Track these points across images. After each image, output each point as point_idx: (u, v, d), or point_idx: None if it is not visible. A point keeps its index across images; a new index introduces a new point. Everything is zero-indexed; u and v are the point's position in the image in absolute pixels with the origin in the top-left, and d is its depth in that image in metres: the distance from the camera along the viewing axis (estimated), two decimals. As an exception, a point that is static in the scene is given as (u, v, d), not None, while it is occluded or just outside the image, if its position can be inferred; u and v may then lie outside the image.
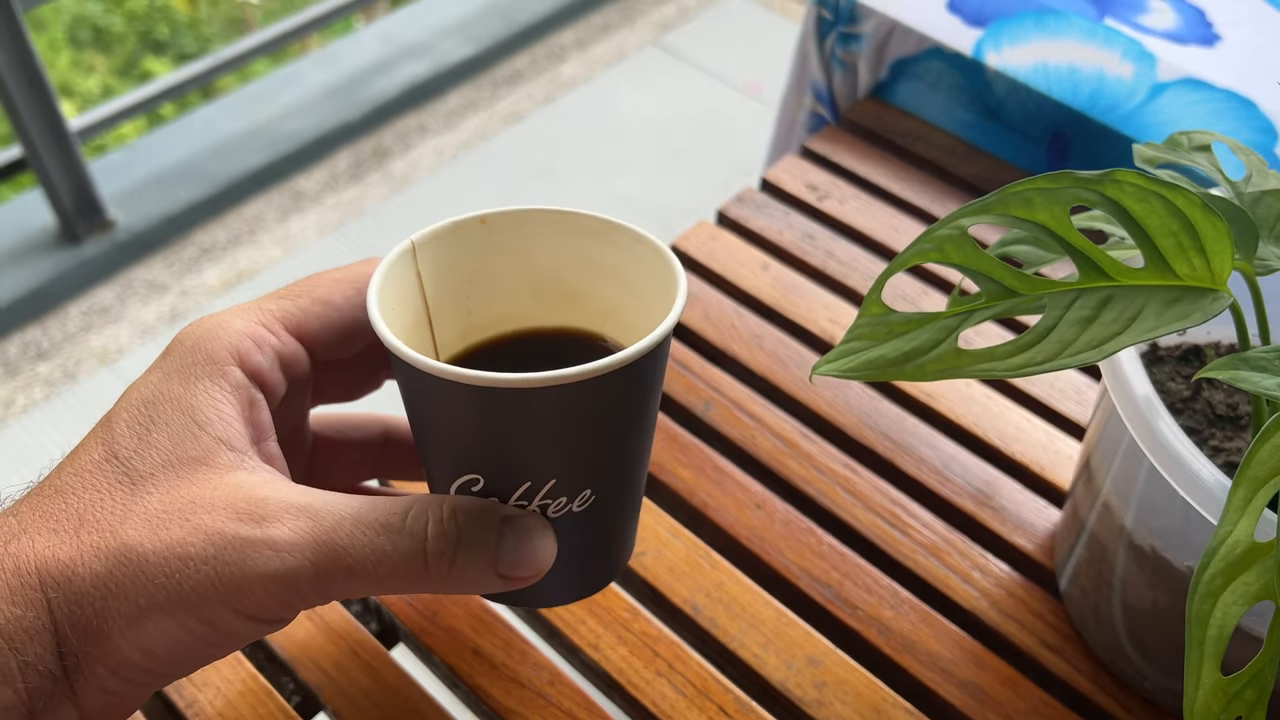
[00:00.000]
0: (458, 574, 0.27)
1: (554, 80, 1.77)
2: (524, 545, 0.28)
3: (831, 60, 0.62)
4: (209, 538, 0.25)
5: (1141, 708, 0.36)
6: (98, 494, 0.26)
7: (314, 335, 0.30)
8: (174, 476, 0.26)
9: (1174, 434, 0.29)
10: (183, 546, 0.25)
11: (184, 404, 0.27)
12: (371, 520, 0.26)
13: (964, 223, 0.29)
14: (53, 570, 0.25)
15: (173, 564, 0.25)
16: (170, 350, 0.29)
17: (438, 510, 0.27)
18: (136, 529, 0.25)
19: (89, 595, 0.25)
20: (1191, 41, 0.57)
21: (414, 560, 0.26)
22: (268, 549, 0.25)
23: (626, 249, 0.32)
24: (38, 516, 0.26)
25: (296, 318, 0.30)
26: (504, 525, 0.28)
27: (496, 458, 0.28)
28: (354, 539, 0.26)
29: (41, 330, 1.39)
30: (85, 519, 0.25)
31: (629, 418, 0.29)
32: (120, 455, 0.27)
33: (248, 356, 0.29)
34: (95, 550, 0.25)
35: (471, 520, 0.27)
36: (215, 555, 0.25)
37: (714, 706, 0.36)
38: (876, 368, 0.29)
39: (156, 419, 0.27)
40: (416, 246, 0.31)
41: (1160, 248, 0.27)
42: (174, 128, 1.63)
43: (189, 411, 0.27)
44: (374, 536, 0.26)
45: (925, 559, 0.40)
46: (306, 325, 0.30)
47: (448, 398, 0.27)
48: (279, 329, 0.30)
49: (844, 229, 0.54)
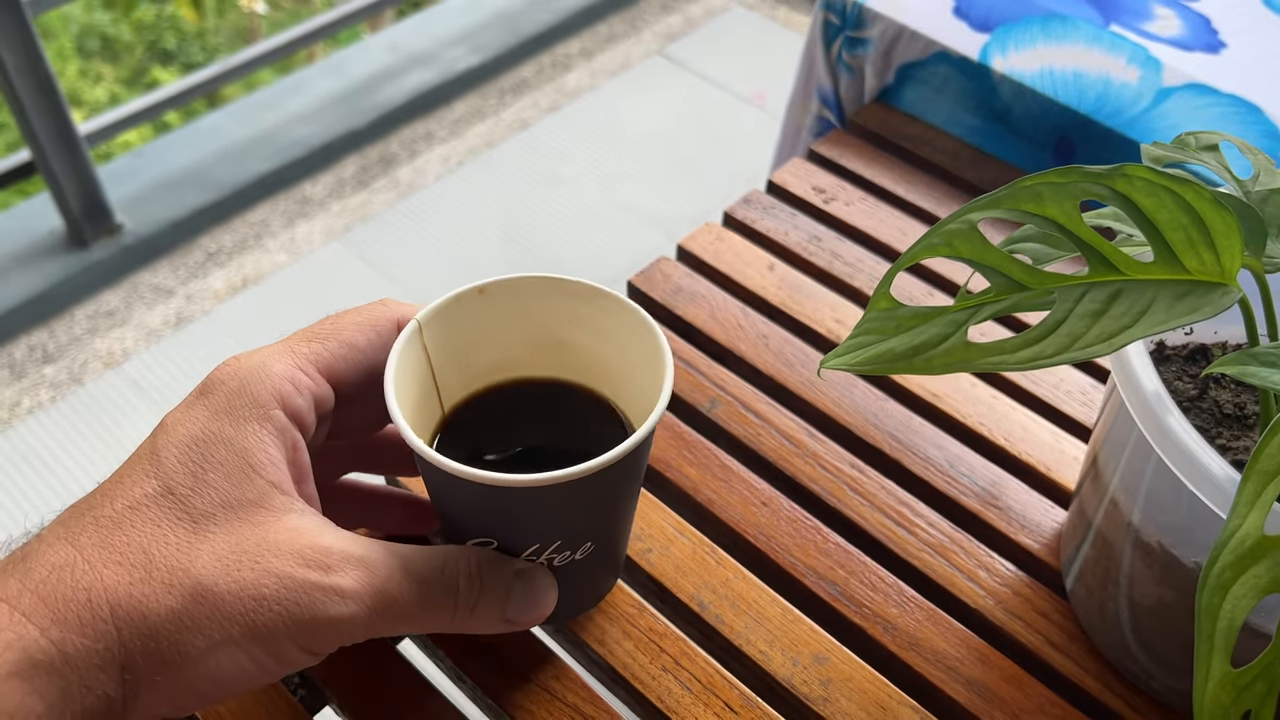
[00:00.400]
0: (475, 619, 0.31)
1: (559, 89, 1.77)
2: (530, 597, 0.32)
3: (838, 65, 0.63)
4: (281, 581, 0.28)
5: (1148, 706, 0.36)
6: (159, 529, 0.28)
7: (341, 377, 0.32)
8: (234, 518, 0.28)
9: (1183, 428, 0.29)
10: (256, 588, 0.27)
11: (236, 446, 0.29)
12: (416, 572, 0.30)
13: (973, 217, 0.29)
14: (124, 604, 0.27)
15: (247, 603, 0.27)
16: (211, 388, 0.30)
17: (467, 565, 0.31)
18: (208, 569, 0.27)
19: (163, 630, 0.27)
20: (1197, 48, 0.57)
21: (446, 607, 0.31)
22: (335, 595, 0.28)
23: (611, 311, 0.35)
24: (102, 550, 0.27)
25: (327, 360, 0.32)
26: (515, 578, 0.32)
27: (507, 530, 0.32)
28: (403, 589, 0.29)
29: (48, 333, 1.39)
30: (153, 555, 0.27)
31: (624, 491, 0.33)
32: (177, 492, 0.28)
33: (289, 400, 0.30)
34: (168, 587, 0.27)
35: (491, 573, 0.32)
36: (288, 597, 0.28)
37: (719, 702, 0.36)
38: (885, 361, 0.30)
39: (209, 459, 0.29)
40: (422, 325, 0.34)
41: (1170, 242, 0.28)
42: (182, 134, 1.64)
43: (242, 454, 0.29)
44: (419, 587, 0.30)
45: (931, 558, 0.40)
46: (335, 367, 0.32)
47: (465, 489, 0.30)
48: (313, 372, 0.32)
49: (850, 231, 0.54)
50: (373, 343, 0.33)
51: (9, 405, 1.31)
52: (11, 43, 1.26)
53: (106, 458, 1.26)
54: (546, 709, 0.36)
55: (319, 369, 0.32)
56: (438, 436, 0.36)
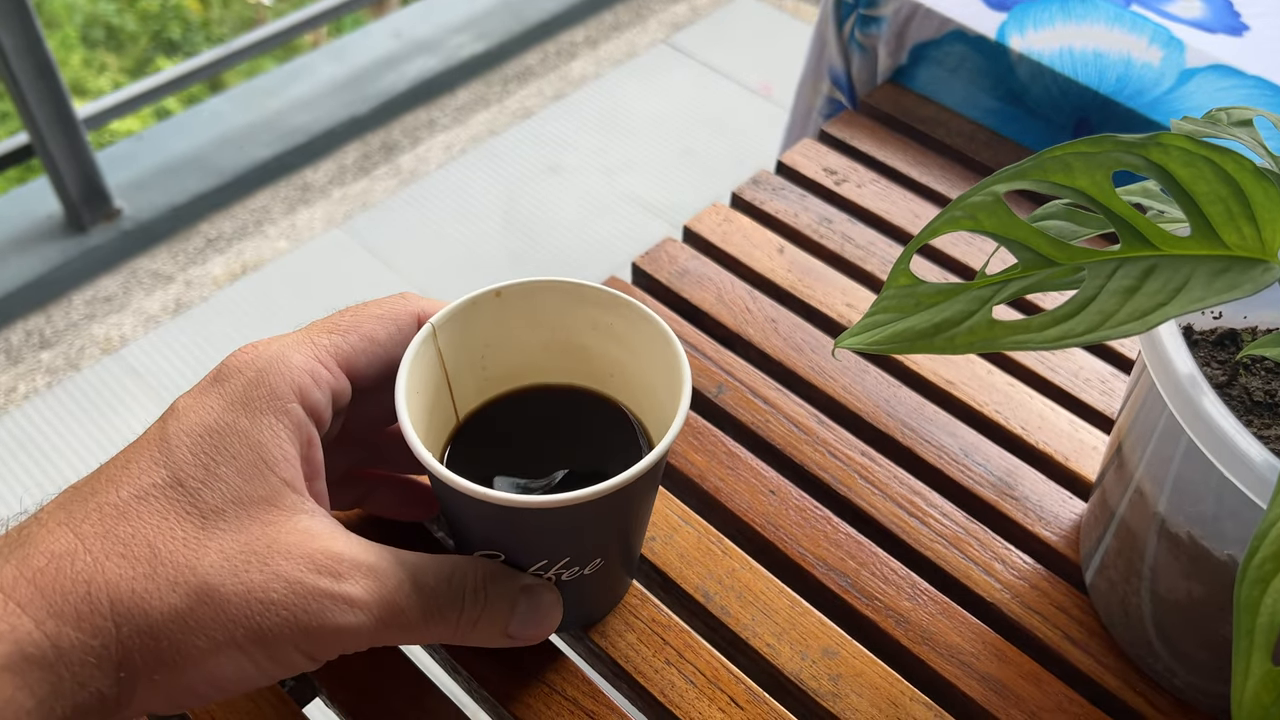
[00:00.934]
0: (478, 633, 0.31)
1: (564, 77, 1.75)
2: (535, 614, 0.32)
3: (850, 44, 0.61)
4: (290, 586, 0.27)
5: (1170, 705, 0.35)
6: (165, 522, 0.27)
7: (360, 372, 0.31)
8: (245, 516, 0.27)
9: (1220, 412, 0.27)
10: (264, 591, 0.26)
11: (251, 440, 0.28)
12: (423, 584, 0.29)
13: (998, 189, 0.28)
14: (125, 600, 0.25)
15: (254, 606, 0.26)
16: (226, 376, 0.29)
17: (474, 578, 0.30)
18: (215, 568, 0.26)
19: (165, 629, 0.26)
20: (1219, 30, 0.55)
21: (450, 620, 0.30)
22: (345, 604, 0.27)
23: (631, 320, 0.34)
24: (105, 540, 0.26)
25: (347, 353, 0.31)
26: (521, 594, 0.31)
27: (517, 546, 0.31)
28: (410, 601, 0.29)
29: (45, 318, 1.38)
30: (158, 550, 0.26)
31: (635, 511, 0.33)
32: (186, 484, 0.27)
33: (308, 394, 0.29)
34: (172, 585, 0.26)
35: (497, 588, 0.31)
36: (295, 603, 0.27)
37: (724, 697, 0.35)
38: (905, 340, 0.28)
39: (222, 451, 0.28)
40: (436, 328, 0.33)
41: (1208, 215, 0.26)
42: (182, 119, 1.62)
43: (256, 449, 0.28)
44: (426, 599, 0.29)
45: (945, 549, 0.39)
46: (355, 362, 0.31)
47: (475, 506, 0.29)
48: (333, 365, 0.31)
49: (861, 213, 0.52)
50: (393, 337, 0.32)
51: (5, 391, 1.30)
52: (10, 24, 1.24)
53: (103, 444, 1.24)
54: (544, 702, 0.34)
55: (339, 362, 0.31)
56: (451, 443, 0.35)
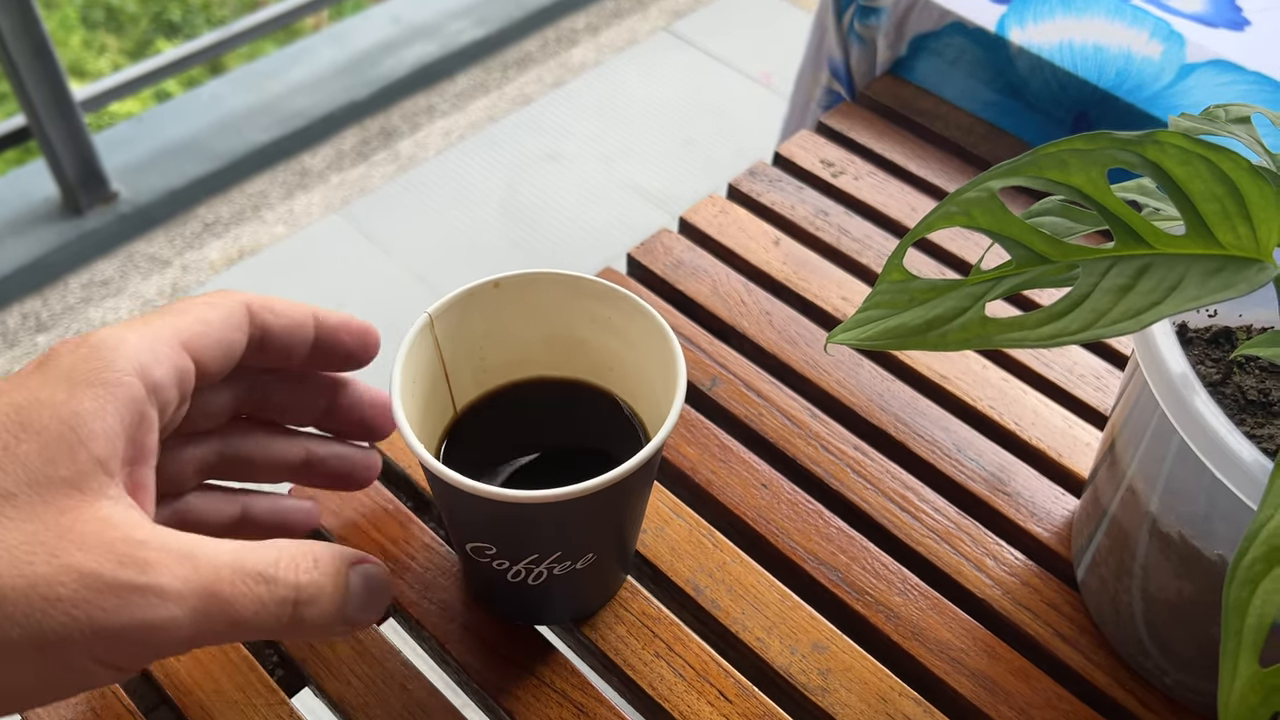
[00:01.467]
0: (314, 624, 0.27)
1: (564, 64, 1.75)
2: (369, 595, 0.29)
3: (850, 35, 0.61)
4: (83, 580, 0.23)
5: (1160, 703, 0.35)
6: None
7: (200, 354, 0.29)
8: (38, 501, 0.24)
9: (1211, 412, 0.27)
10: (50, 586, 0.23)
11: (64, 412, 0.25)
12: (249, 569, 0.26)
13: (993, 185, 0.28)
14: None
15: (36, 603, 0.23)
16: (54, 355, 0.26)
17: (306, 559, 0.27)
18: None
19: None
20: (1220, 25, 0.55)
21: (284, 608, 0.26)
22: (155, 596, 0.24)
23: (628, 314, 0.34)
24: None
25: (185, 335, 0.28)
26: (353, 573, 0.28)
27: (508, 540, 0.31)
28: (234, 587, 0.25)
29: (41, 301, 1.38)
30: None
31: (629, 507, 0.32)
32: None
33: (148, 371, 0.27)
34: None
35: (327, 567, 0.28)
36: (90, 600, 0.23)
37: (714, 690, 0.35)
38: (897, 336, 0.28)
39: (28, 427, 0.25)
40: (434, 318, 0.33)
41: (1203, 214, 0.26)
42: (180, 102, 1.61)
43: (69, 420, 0.25)
44: (254, 586, 0.26)
45: (936, 545, 0.39)
46: (194, 343, 0.29)
47: (468, 500, 0.29)
48: (175, 344, 0.28)
49: (858, 206, 0.52)
50: (225, 319, 0.29)
51: (1, 374, 1.29)
52: (6, 5, 1.23)
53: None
54: (534, 694, 0.34)
55: (180, 343, 0.28)
56: (449, 434, 0.35)
